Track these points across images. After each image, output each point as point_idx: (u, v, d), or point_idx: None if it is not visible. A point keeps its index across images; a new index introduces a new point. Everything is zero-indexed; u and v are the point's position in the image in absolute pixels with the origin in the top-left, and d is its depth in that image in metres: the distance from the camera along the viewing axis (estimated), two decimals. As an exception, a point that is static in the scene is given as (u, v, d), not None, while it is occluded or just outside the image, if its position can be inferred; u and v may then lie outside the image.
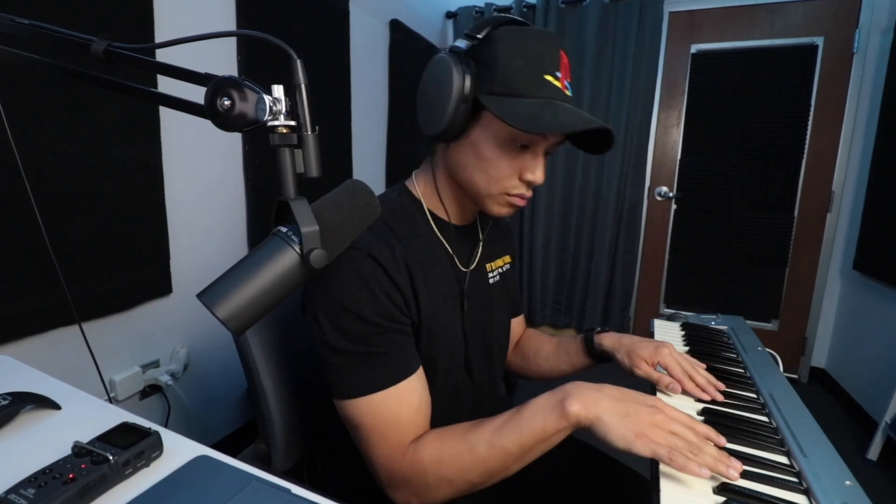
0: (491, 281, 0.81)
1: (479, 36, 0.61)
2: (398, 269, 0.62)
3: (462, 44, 0.62)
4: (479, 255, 0.78)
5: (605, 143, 0.64)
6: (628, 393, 0.58)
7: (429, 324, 0.67)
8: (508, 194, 0.66)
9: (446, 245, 0.72)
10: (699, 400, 0.72)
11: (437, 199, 0.72)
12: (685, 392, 0.73)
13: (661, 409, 0.56)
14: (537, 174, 0.65)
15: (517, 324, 1.00)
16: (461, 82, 0.59)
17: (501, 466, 0.58)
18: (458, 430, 0.61)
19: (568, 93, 0.63)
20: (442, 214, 0.73)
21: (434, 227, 0.72)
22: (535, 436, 0.57)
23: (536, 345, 0.97)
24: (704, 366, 0.77)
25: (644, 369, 0.76)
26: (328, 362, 0.61)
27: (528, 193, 0.67)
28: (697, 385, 0.73)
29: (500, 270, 0.84)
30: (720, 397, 0.72)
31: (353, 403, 0.61)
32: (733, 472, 0.53)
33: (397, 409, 0.61)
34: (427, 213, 0.72)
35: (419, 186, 0.73)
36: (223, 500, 0.44)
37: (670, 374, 0.74)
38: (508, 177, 0.64)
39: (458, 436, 0.61)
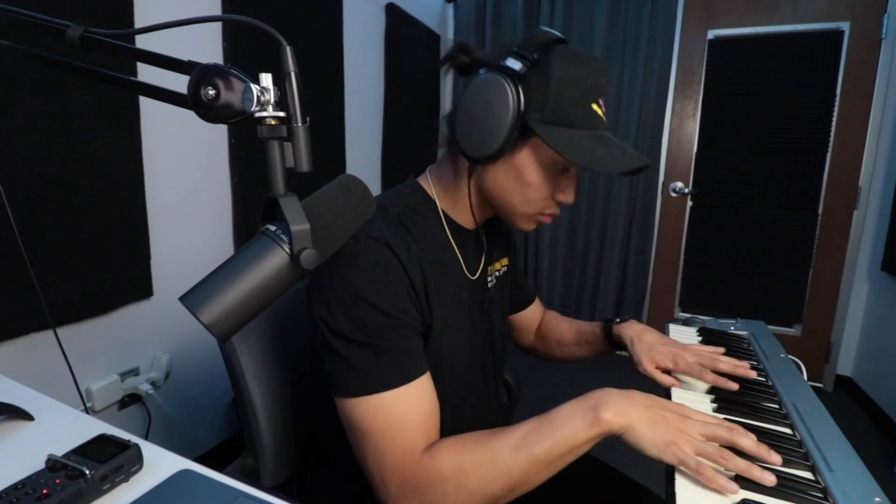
0: (489, 285, 0.82)
1: (533, 57, 0.62)
2: (414, 267, 0.64)
3: (515, 65, 0.62)
4: (483, 261, 0.79)
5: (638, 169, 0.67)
6: (657, 400, 0.61)
7: (437, 329, 0.68)
8: (541, 213, 0.71)
9: (457, 250, 0.74)
10: (718, 410, 0.72)
11: (454, 203, 0.74)
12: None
13: (689, 415, 0.59)
14: (570, 195, 0.70)
15: (532, 311, 1.07)
16: (517, 108, 0.62)
17: (526, 476, 0.58)
18: (479, 438, 0.61)
19: (605, 120, 0.67)
20: (456, 218, 0.75)
21: (447, 230, 0.73)
22: (566, 443, 0.57)
23: (557, 334, 1.04)
24: (723, 350, 0.83)
25: (648, 369, 0.80)
26: (337, 354, 0.61)
27: (559, 212, 0.73)
28: (723, 372, 0.76)
29: (497, 274, 0.85)
30: (752, 374, 0.77)
31: (361, 402, 0.60)
32: (769, 476, 0.54)
33: (408, 410, 0.61)
34: (441, 214, 0.73)
35: (434, 186, 0.75)
36: (207, 517, 0.44)
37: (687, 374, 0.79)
38: (545, 198, 0.69)
39: (479, 443, 0.60)
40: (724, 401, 0.73)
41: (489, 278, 0.82)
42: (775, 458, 0.57)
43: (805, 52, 2.38)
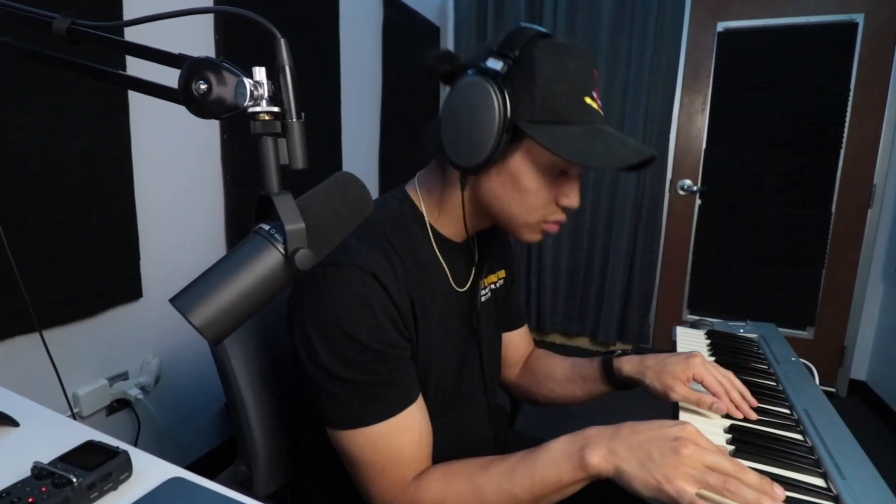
0: (483, 299, 0.81)
1: (514, 55, 0.60)
2: (400, 293, 0.63)
3: (496, 65, 0.60)
4: (473, 274, 0.78)
5: (643, 162, 0.64)
6: (650, 428, 0.57)
7: (424, 351, 0.68)
8: (545, 221, 0.69)
9: (444, 264, 0.73)
10: (727, 416, 0.72)
11: (441, 213, 0.73)
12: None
13: (687, 438, 0.54)
14: (574, 199, 0.67)
15: (519, 337, 1.00)
16: (503, 110, 0.59)
17: None
18: (465, 470, 0.63)
19: (602, 113, 0.65)
20: (444, 231, 0.74)
21: (434, 244, 0.72)
22: (549, 485, 0.58)
23: (548, 367, 0.97)
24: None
25: (681, 392, 0.75)
26: (322, 387, 0.62)
27: (564, 218, 0.70)
28: (732, 401, 0.73)
29: (491, 287, 0.84)
30: (753, 416, 0.72)
31: (350, 435, 0.62)
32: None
33: (398, 442, 0.62)
34: (428, 227, 0.72)
35: (422, 196, 0.73)
36: (199, 526, 0.44)
37: (707, 388, 0.74)
38: (547, 204, 0.67)
39: (464, 476, 0.62)
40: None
41: (482, 291, 0.81)
42: (780, 494, 0.52)
43: (818, 44, 2.38)
